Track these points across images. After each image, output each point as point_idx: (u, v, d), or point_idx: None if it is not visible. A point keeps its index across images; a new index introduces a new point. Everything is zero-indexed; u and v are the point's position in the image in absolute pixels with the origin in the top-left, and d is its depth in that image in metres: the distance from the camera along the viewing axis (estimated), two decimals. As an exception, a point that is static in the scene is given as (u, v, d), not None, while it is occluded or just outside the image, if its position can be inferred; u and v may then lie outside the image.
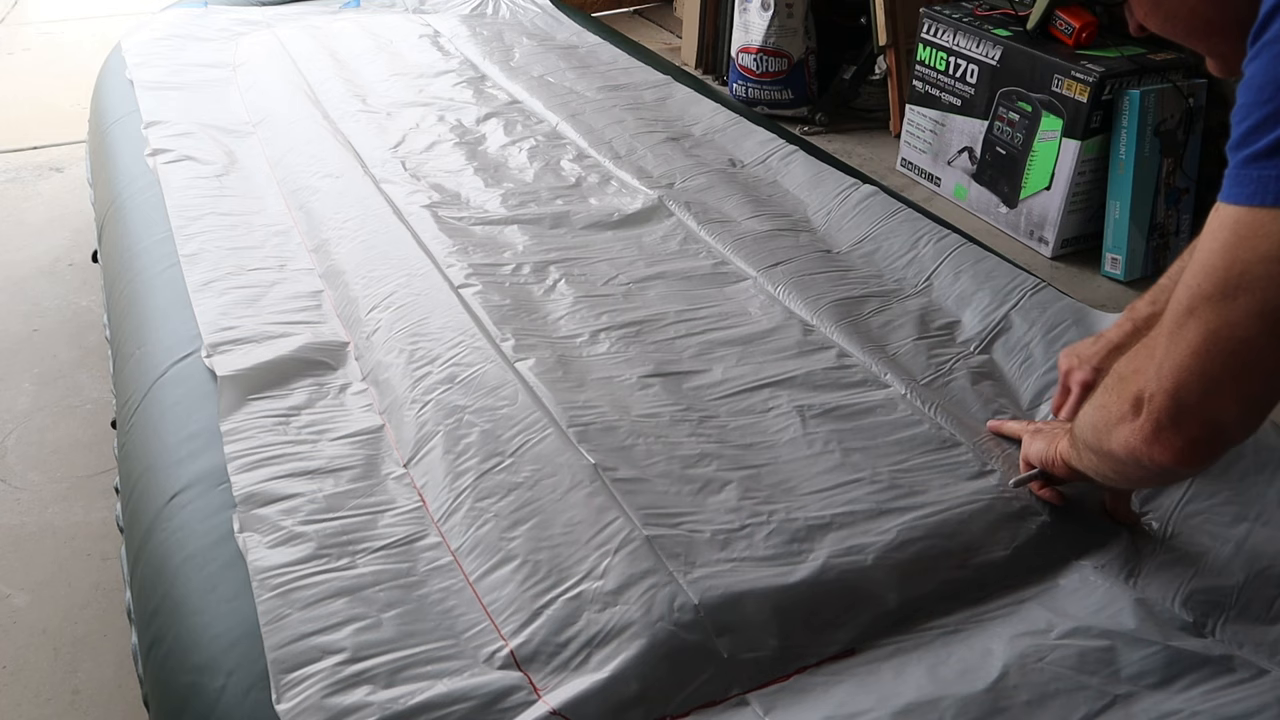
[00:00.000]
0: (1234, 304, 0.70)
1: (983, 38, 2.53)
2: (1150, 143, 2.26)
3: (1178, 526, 1.04)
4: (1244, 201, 0.69)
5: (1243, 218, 0.69)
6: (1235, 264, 0.70)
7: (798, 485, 1.07)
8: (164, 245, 1.57)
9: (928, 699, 0.84)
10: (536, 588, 0.93)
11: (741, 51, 3.21)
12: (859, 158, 2.99)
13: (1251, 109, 0.68)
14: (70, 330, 2.17)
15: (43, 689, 1.39)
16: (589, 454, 1.07)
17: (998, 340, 1.34)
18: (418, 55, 2.42)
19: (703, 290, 1.45)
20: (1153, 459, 0.79)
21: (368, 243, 1.55)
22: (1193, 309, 0.73)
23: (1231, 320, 0.71)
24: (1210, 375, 0.74)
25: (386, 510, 1.05)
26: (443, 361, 1.25)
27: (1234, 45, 0.74)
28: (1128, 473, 0.87)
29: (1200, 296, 0.72)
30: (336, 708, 0.82)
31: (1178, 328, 0.74)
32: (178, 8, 2.78)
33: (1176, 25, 0.80)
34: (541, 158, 1.87)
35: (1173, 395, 0.76)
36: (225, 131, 1.99)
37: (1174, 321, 0.75)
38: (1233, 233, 0.70)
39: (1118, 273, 2.35)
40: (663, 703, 0.84)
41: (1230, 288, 0.70)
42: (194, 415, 1.20)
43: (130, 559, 1.11)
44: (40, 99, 3.44)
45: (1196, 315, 0.73)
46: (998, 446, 1.14)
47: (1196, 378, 0.74)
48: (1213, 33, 0.79)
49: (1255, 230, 0.68)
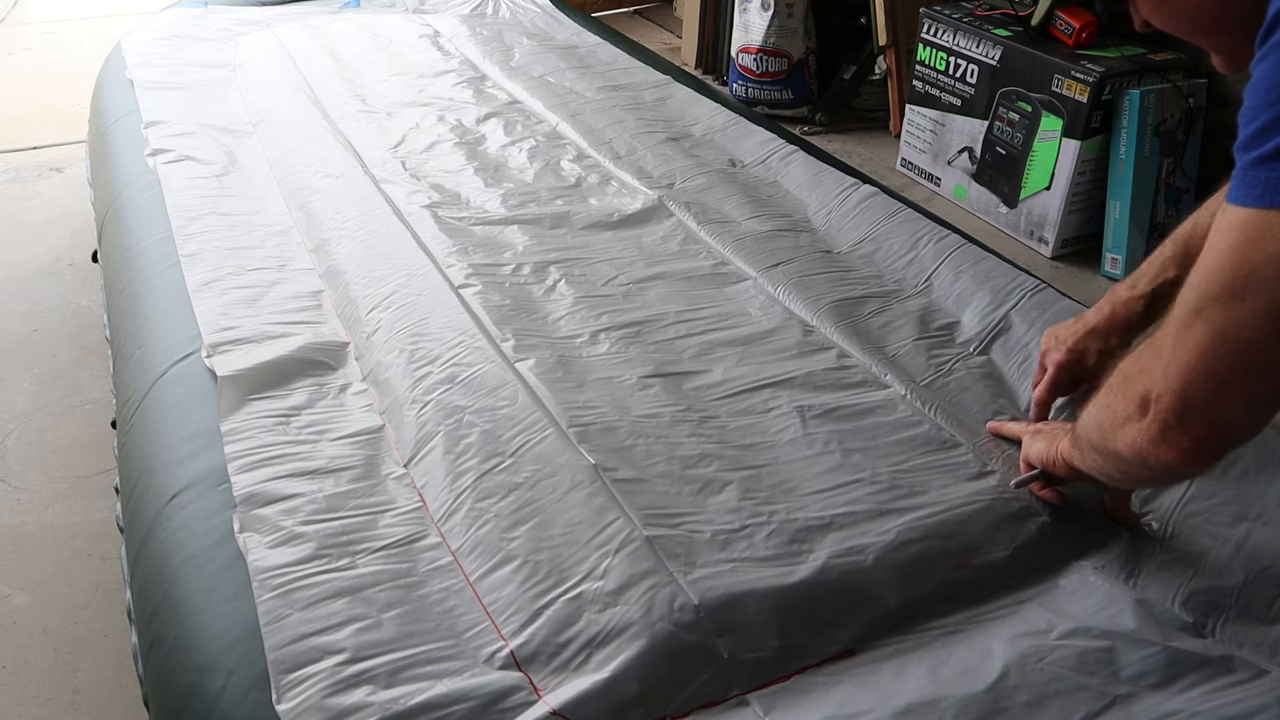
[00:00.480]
0: (1242, 305, 0.70)
1: (983, 38, 2.53)
2: (1150, 143, 2.26)
3: (1178, 527, 1.04)
4: (1252, 203, 0.69)
5: (1251, 219, 0.69)
6: (1243, 265, 0.70)
7: (798, 486, 1.07)
8: (164, 245, 1.57)
9: (928, 699, 0.84)
10: (537, 588, 0.93)
11: (741, 51, 3.21)
12: (859, 158, 2.99)
13: (1259, 111, 0.68)
14: (70, 330, 2.17)
15: (43, 689, 1.39)
16: (589, 454, 1.07)
17: (998, 341, 1.34)
18: (418, 55, 2.42)
19: (703, 291, 1.45)
20: (1159, 459, 0.79)
21: (368, 243, 1.55)
22: (1200, 310, 0.73)
23: (1239, 321, 0.71)
24: (1218, 376, 0.74)
25: (387, 510, 1.06)
26: (443, 362, 1.25)
27: (1239, 41, 0.74)
28: (1133, 472, 0.87)
29: (1208, 297, 0.73)
30: (337, 708, 0.82)
31: (1184, 328, 0.74)
32: (178, 8, 2.78)
33: (1182, 21, 0.80)
34: (541, 158, 1.87)
35: (1180, 395, 0.76)
36: (225, 131, 1.99)
37: (1181, 322, 0.75)
38: (1240, 234, 0.70)
39: (1118, 273, 2.35)
40: (663, 703, 0.84)
41: (1238, 288, 0.71)
42: (194, 415, 1.20)
43: (130, 559, 1.11)
44: (40, 99, 3.44)
45: (1204, 316, 0.73)
46: (997, 447, 1.14)
47: (1204, 378, 0.74)
48: (1218, 29, 0.79)
49: (1263, 231, 0.69)
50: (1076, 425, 0.95)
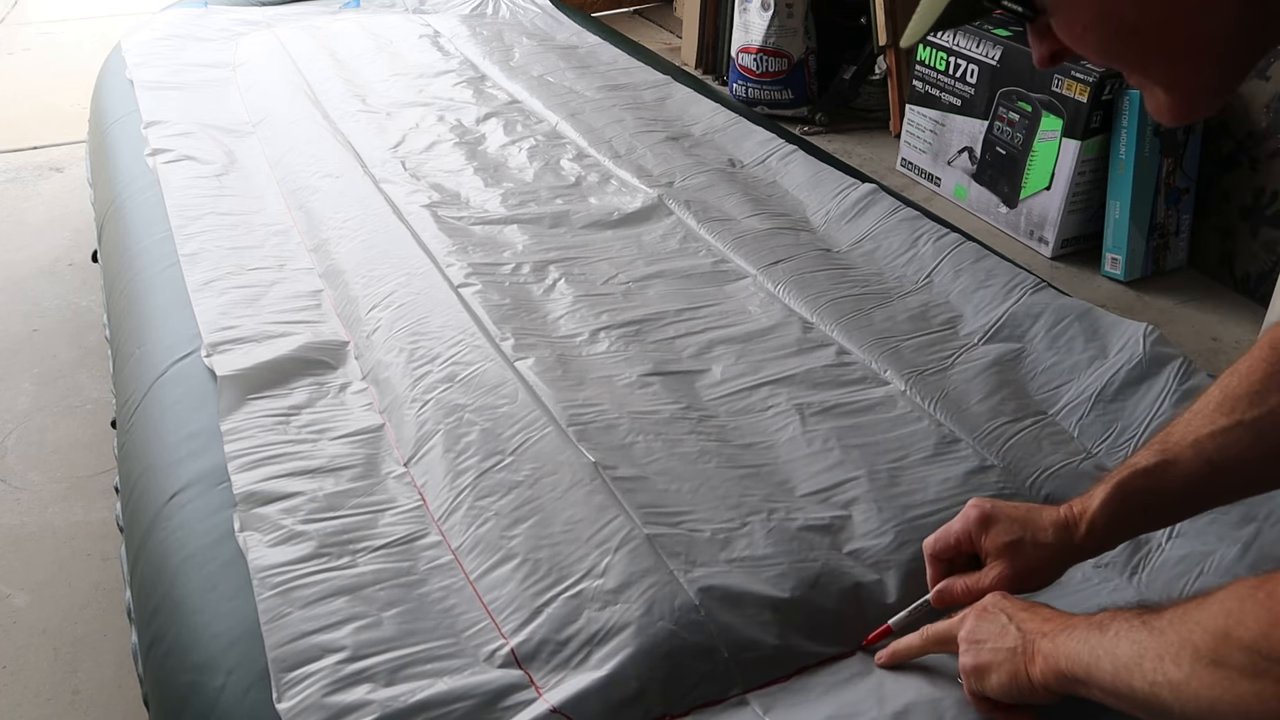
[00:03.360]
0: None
1: (983, 38, 2.53)
2: (1150, 143, 2.26)
3: (1183, 526, 1.02)
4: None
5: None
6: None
7: (798, 484, 1.07)
8: (164, 245, 1.57)
9: (927, 699, 0.83)
10: (537, 586, 0.93)
11: (741, 51, 3.21)
12: (859, 158, 2.99)
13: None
14: (70, 330, 2.17)
15: (43, 689, 1.39)
16: (589, 452, 1.07)
17: (997, 338, 1.34)
18: (418, 55, 2.42)
19: (702, 289, 1.45)
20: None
21: (367, 242, 1.55)
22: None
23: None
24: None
25: (387, 509, 1.05)
26: (443, 360, 1.25)
27: (1207, 76, 0.58)
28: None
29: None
30: (337, 706, 0.82)
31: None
32: (178, 8, 2.78)
33: (1131, 44, 0.58)
34: (541, 157, 1.87)
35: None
36: (225, 131, 1.99)
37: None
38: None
39: (1118, 273, 2.35)
40: (663, 701, 0.84)
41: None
42: (194, 415, 1.20)
43: (130, 559, 1.11)
44: (40, 99, 3.44)
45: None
46: (998, 441, 1.13)
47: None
48: (1185, 56, 0.57)
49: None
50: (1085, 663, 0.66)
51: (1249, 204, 2.27)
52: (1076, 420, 1.19)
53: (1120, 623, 0.64)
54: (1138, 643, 0.61)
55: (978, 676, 0.76)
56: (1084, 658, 0.66)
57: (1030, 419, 1.18)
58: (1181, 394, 1.19)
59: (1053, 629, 0.71)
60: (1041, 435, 1.16)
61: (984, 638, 0.76)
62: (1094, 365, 1.25)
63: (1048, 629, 0.71)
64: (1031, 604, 0.76)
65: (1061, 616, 0.72)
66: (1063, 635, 0.69)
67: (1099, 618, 0.67)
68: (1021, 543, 0.82)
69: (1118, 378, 1.22)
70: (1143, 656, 0.60)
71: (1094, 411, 1.19)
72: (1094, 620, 0.67)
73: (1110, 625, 0.65)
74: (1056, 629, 0.70)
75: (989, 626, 0.76)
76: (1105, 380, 1.22)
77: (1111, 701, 0.64)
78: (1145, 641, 0.61)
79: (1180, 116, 0.60)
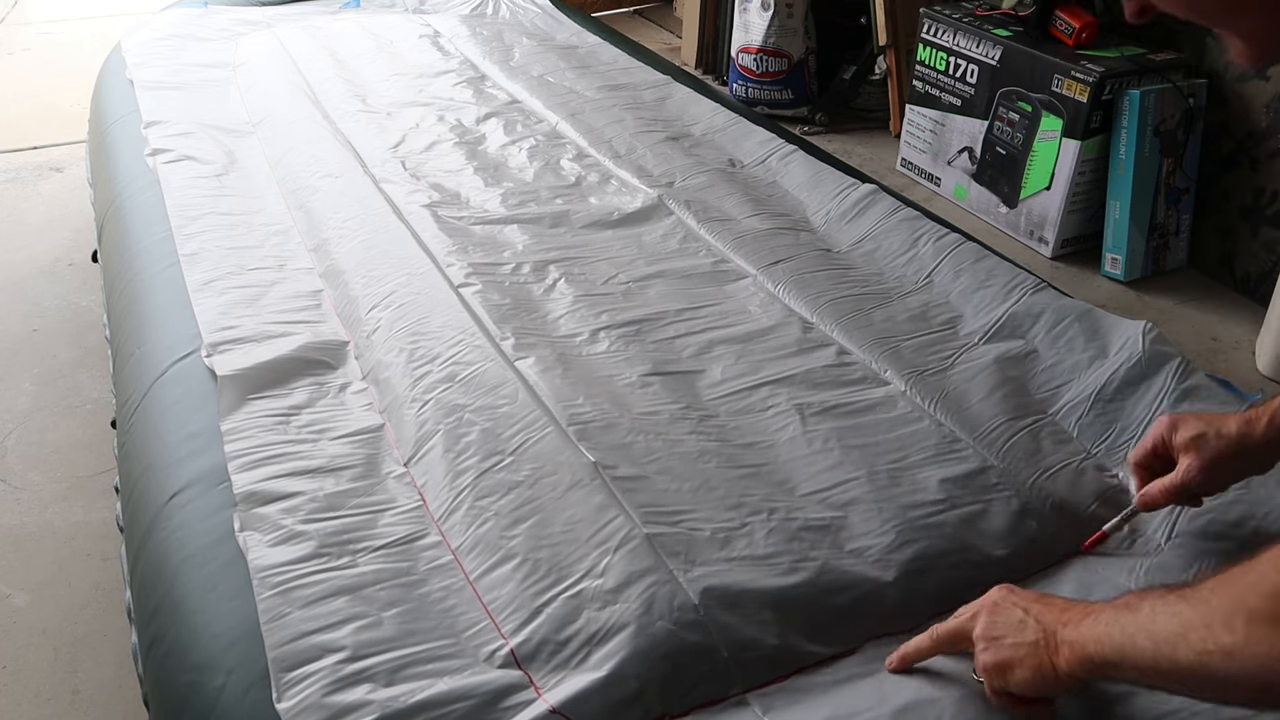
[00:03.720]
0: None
1: (983, 38, 2.53)
2: (1150, 143, 2.26)
3: (1182, 525, 1.03)
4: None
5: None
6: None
7: (798, 484, 1.07)
8: (164, 245, 1.57)
9: (927, 699, 0.83)
10: (536, 586, 0.93)
11: (741, 51, 3.21)
12: (859, 158, 2.99)
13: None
14: (70, 330, 2.17)
15: (43, 689, 1.39)
16: (589, 452, 1.07)
17: (998, 338, 1.34)
18: (418, 55, 2.42)
19: (702, 289, 1.45)
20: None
21: (368, 242, 1.55)
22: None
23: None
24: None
25: (387, 509, 1.05)
26: (443, 360, 1.25)
27: (1268, 25, 0.65)
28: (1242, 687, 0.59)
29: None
30: (337, 706, 0.82)
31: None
32: (178, 8, 2.78)
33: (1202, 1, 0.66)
34: (541, 157, 1.87)
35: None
36: (225, 131, 1.99)
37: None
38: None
39: (1118, 273, 2.35)
40: (663, 701, 0.84)
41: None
42: (194, 415, 1.20)
43: (130, 559, 1.11)
44: (40, 99, 3.44)
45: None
46: (998, 441, 1.13)
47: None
48: (1244, 10, 0.66)
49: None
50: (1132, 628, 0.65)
51: (1249, 204, 2.27)
52: (1076, 420, 1.19)
53: (1153, 600, 0.65)
54: (1178, 614, 0.62)
55: (1000, 673, 0.75)
56: (1116, 639, 0.66)
57: (1030, 419, 1.18)
58: (1180, 393, 1.19)
59: (1073, 617, 0.70)
60: (1041, 435, 1.16)
61: (1002, 634, 0.75)
62: (1094, 365, 1.25)
63: (1067, 618, 0.71)
64: (1043, 595, 0.77)
65: (1079, 605, 0.72)
66: (1087, 622, 0.69)
67: (1125, 599, 0.68)
68: (1206, 436, 0.90)
69: (1117, 377, 1.22)
70: (1187, 628, 0.61)
71: (1093, 411, 1.19)
72: (1120, 603, 0.68)
73: (1141, 605, 0.65)
74: (1077, 617, 0.70)
75: (1005, 622, 0.76)
76: (1105, 380, 1.22)
77: (1148, 680, 0.64)
78: (1187, 613, 0.61)
79: (1256, 60, 0.68)
